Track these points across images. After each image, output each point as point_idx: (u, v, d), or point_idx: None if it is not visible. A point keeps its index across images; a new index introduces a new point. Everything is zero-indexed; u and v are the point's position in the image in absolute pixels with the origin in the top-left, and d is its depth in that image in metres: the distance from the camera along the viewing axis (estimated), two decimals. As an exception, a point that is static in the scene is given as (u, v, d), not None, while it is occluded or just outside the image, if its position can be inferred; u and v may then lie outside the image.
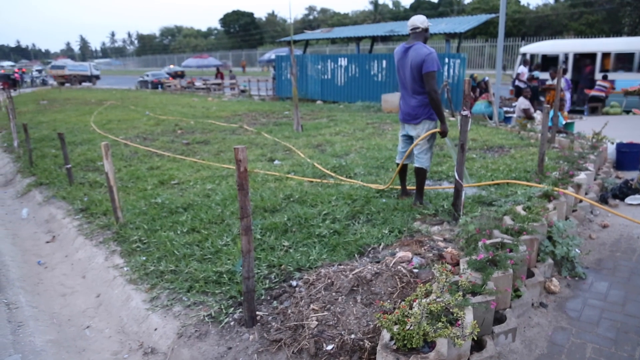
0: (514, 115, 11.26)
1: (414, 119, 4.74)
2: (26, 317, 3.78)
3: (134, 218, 5.05)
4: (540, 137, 5.99)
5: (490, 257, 3.18)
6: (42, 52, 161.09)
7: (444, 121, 4.70)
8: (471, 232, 3.75)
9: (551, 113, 7.76)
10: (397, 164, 5.13)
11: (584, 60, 16.04)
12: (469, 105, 4.26)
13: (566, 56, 16.13)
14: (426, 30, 4.66)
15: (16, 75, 38.66)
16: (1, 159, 10.10)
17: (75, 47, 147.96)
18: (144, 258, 4.15)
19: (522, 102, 10.83)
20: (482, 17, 16.71)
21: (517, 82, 14.16)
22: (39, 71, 50.31)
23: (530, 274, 3.58)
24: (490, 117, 11.22)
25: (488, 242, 3.46)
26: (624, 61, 15.29)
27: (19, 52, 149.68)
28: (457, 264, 3.52)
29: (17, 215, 6.49)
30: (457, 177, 4.39)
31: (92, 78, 41.35)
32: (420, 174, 4.87)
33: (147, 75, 34.87)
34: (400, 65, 4.73)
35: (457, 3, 65.68)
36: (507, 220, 4.02)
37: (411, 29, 4.68)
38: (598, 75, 15.23)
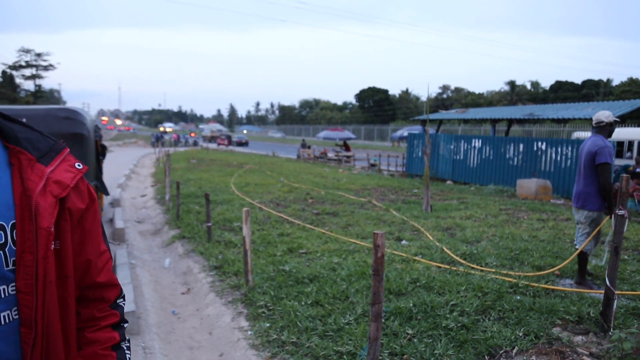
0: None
1: (577, 203, 5.20)
2: (157, 365, 4.03)
3: (262, 282, 5.24)
4: None
5: (654, 387, 2.72)
6: (197, 116, 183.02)
7: (611, 207, 4.92)
8: (627, 351, 3.26)
9: None
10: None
11: None
12: (625, 204, 3.89)
13: None
14: (611, 124, 5.14)
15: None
16: (154, 209, 11.35)
17: (225, 114, 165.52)
18: (268, 325, 4.25)
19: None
20: (638, 102, 15.26)
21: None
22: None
23: None
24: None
25: (649, 367, 2.98)
26: None
27: (179, 116, 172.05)
28: (609, 387, 3.06)
29: (161, 263, 7.14)
30: (608, 282, 3.92)
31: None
32: (579, 255, 5.21)
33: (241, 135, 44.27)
34: (580, 152, 5.33)
35: (604, 85, 61.48)
36: (674, 343, 3.44)
37: (595, 123, 5.22)
38: None
